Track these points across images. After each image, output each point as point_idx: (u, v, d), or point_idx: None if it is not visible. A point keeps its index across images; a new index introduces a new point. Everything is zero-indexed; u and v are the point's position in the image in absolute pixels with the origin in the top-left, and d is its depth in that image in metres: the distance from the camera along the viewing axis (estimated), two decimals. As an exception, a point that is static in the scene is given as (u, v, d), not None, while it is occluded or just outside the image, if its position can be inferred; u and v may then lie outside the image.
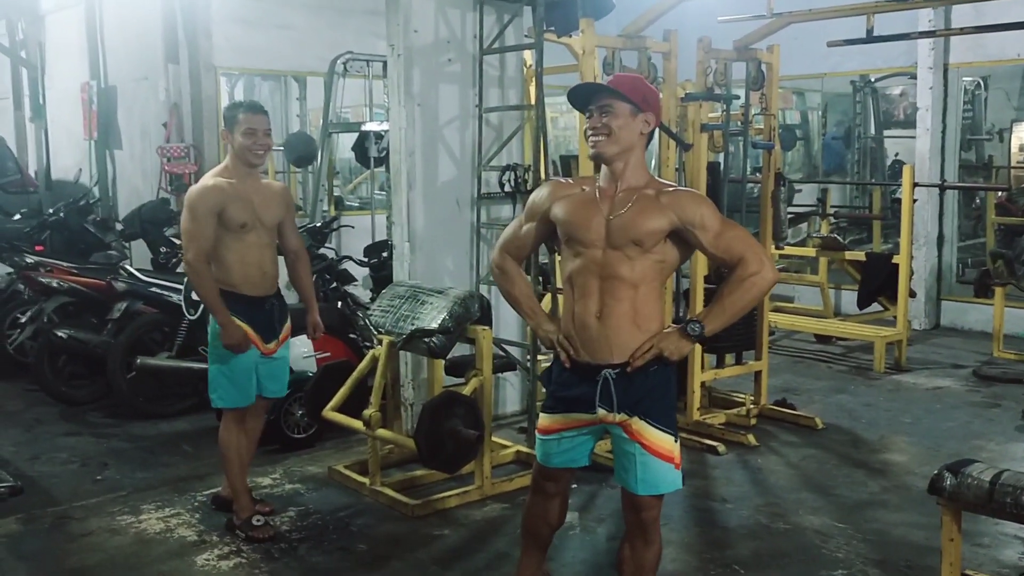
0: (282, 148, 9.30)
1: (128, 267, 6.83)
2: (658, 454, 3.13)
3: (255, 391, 4.56)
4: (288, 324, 4.67)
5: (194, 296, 5.89)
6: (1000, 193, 10.69)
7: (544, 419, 3.30)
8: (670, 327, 3.20)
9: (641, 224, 3.03)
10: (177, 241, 7.53)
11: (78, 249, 7.74)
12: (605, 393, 3.12)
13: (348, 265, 7.35)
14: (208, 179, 4.40)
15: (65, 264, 6.92)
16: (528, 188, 5.88)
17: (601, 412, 3.15)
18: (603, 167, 3.19)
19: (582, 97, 3.18)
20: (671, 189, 3.14)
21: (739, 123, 6.39)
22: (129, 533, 4.60)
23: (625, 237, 3.04)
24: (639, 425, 3.12)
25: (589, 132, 3.12)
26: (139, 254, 8.22)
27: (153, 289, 6.62)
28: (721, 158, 6.38)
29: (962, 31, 6.71)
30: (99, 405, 6.68)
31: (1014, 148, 12.16)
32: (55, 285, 6.77)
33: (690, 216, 3.05)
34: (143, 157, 9.36)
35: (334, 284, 6.48)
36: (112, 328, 6.50)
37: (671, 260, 3.15)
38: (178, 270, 7.16)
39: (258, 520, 4.53)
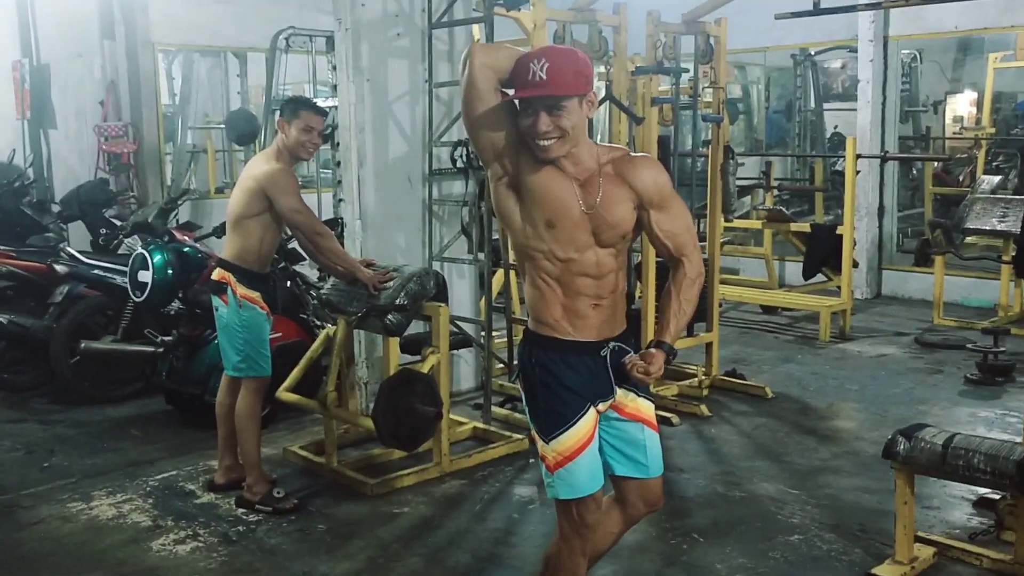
0: (223, 126, 9.12)
1: (69, 249, 6.65)
2: (652, 425, 3.00)
3: None
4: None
5: (140, 278, 5.76)
6: (937, 164, 10.94)
7: (564, 441, 2.82)
8: (648, 349, 2.88)
9: (622, 216, 2.79)
10: (118, 222, 7.36)
11: (14, 232, 7.49)
12: (616, 369, 2.85)
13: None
14: (277, 164, 4.46)
15: (3, 247, 6.71)
16: (479, 164, 5.84)
17: (619, 393, 2.89)
18: None
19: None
20: (623, 157, 2.84)
21: (688, 96, 6.43)
22: (81, 520, 4.51)
23: (615, 235, 2.80)
24: (632, 400, 2.92)
25: (537, 137, 2.68)
26: (76, 236, 8.02)
27: (96, 271, 6.48)
28: (671, 131, 6.41)
29: (907, 3, 6.79)
30: (42, 391, 6.53)
31: (948, 119, 12.45)
32: (-8, 269, 6.57)
33: (650, 196, 2.82)
34: (79, 136, 9.10)
35: (282, 264, 6.41)
36: (54, 312, 6.34)
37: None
38: (120, 252, 6.98)
39: (279, 492, 4.58)
